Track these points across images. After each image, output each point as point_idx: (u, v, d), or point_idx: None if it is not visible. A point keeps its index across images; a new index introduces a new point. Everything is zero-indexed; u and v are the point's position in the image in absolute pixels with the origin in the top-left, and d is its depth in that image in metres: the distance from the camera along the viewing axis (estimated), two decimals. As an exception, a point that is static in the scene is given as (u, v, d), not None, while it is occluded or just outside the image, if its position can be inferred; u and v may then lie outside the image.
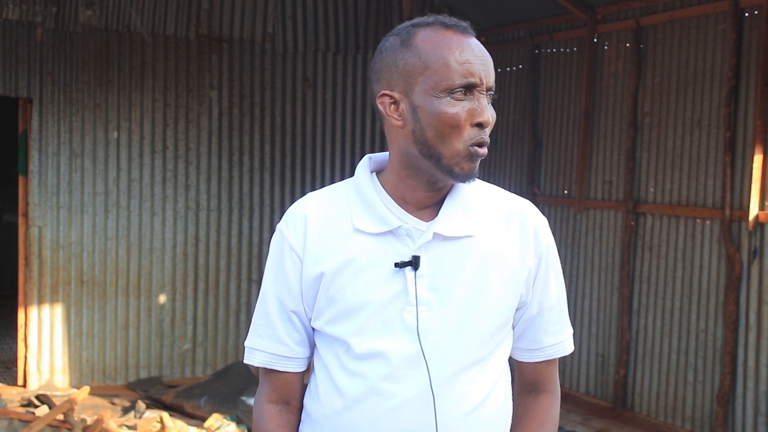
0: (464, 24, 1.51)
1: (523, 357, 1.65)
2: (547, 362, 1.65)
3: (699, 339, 5.61)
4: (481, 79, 1.46)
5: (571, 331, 1.67)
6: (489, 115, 1.47)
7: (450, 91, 1.45)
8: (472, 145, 1.47)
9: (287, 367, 1.60)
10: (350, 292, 1.51)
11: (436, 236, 1.51)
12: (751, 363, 5.24)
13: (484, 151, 1.49)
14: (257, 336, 1.60)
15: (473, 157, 1.48)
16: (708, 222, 5.54)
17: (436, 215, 1.54)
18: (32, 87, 6.31)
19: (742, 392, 5.30)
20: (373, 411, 1.50)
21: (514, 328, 1.62)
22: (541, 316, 1.61)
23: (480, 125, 1.47)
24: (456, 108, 1.45)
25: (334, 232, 1.54)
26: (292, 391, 1.62)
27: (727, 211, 5.32)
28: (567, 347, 1.66)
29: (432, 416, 1.49)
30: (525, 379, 1.68)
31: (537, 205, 2.93)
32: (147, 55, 6.64)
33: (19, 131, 6.47)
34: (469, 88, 1.46)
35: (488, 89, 1.48)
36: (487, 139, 1.48)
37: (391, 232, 1.52)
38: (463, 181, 1.50)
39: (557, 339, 1.63)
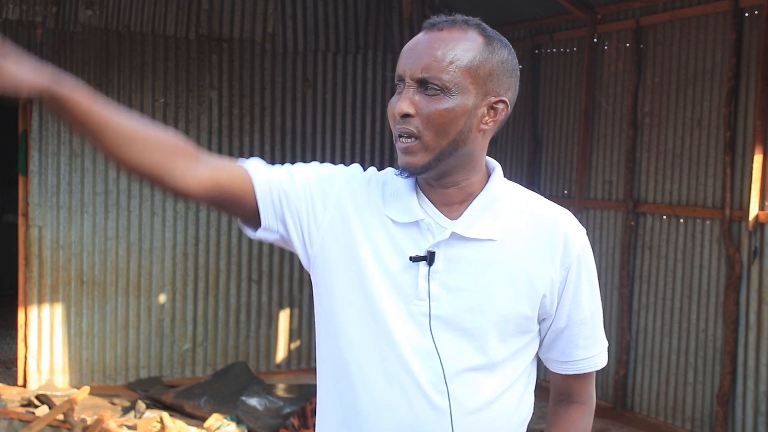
0: (433, 21, 1.50)
1: (555, 368, 1.63)
2: (579, 375, 1.63)
3: (699, 339, 5.61)
4: (404, 72, 1.46)
5: (605, 344, 1.64)
6: (402, 105, 1.44)
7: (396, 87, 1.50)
8: (397, 136, 1.47)
9: (251, 179, 1.49)
10: (362, 273, 1.50)
11: (454, 235, 1.49)
12: (751, 363, 5.24)
13: (401, 144, 1.46)
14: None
15: (400, 150, 1.47)
16: (708, 222, 5.54)
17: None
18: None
19: (742, 392, 5.30)
20: (371, 401, 1.49)
21: (543, 339, 1.59)
22: (571, 329, 1.58)
23: (402, 116, 1.45)
24: (392, 100, 1.49)
25: (372, 211, 1.53)
26: (221, 173, 1.47)
27: (727, 211, 5.32)
28: (599, 362, 1.63)
29: (437, 413, 1.48)
30: (557, 388, 1.67)
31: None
32: (147, 55, 6.64)
33: (19, 131, 6.46)
34: (401, 82, 1.47)
35: (419, 81, 1.44)
36: (405, 128, 1.44)
37: (415, 224, 1.50)
38: (403, 176, 1.49)
39: (589, 353, 1.61)
